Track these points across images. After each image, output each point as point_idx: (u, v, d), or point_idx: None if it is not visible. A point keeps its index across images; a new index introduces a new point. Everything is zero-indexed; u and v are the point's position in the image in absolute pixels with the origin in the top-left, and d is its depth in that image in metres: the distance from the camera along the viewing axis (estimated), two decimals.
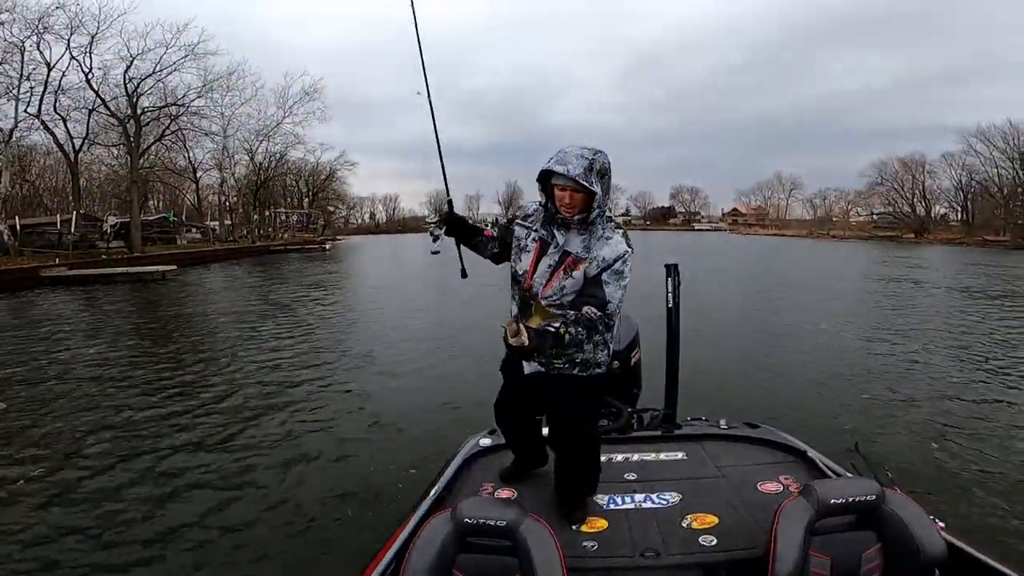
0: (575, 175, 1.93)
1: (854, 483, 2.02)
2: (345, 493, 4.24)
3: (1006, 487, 4.24)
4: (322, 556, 3.49)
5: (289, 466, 4.77)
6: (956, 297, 15.34)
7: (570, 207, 2.02)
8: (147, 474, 4.49)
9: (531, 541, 1.81)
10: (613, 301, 2.01)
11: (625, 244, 2.06)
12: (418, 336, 10.49)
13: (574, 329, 1.90)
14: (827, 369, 7.92)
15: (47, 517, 3.79)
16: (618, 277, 2.02)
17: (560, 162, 1.96)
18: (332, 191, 61.87)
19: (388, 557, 2.05)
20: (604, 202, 2.03)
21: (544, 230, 2.15)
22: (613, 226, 2.10)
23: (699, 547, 2.16)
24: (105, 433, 5.41)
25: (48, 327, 11.24)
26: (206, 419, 5.90)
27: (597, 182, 1.97)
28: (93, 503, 4.00)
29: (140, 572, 3.28)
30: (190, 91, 32.29)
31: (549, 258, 2.11)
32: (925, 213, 57.57)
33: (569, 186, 1.98)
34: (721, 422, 3.25)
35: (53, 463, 4.66)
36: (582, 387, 2.25)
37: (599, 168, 1.98)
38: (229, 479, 4.47)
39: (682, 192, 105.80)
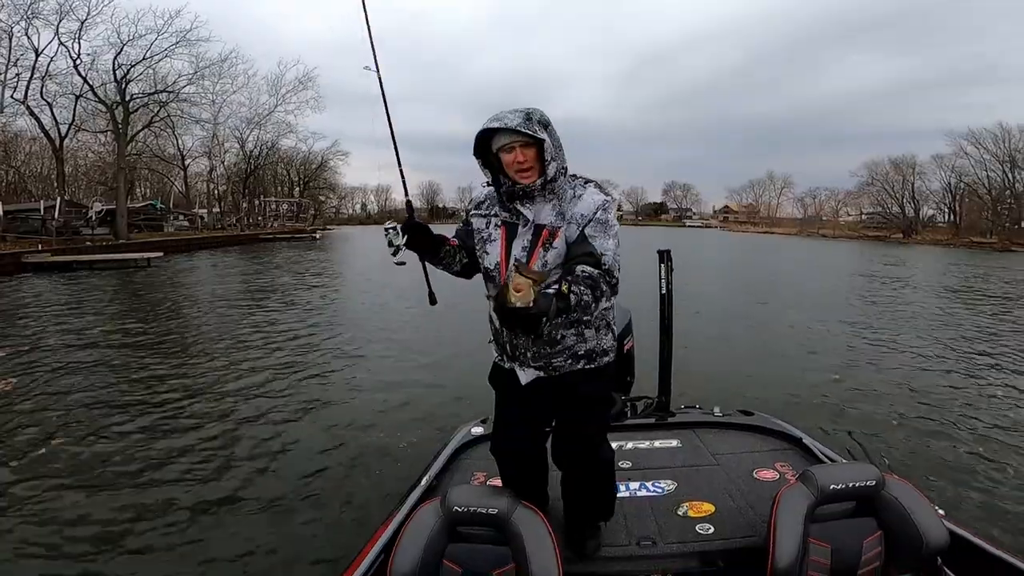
0: (515, 125, 1.70)
1: (853, 468, 1.96)
2: (335, 478, 4.20)
3: (997, 471, 4.23)
4: (313, 540, 3.42)
5: (277, 448, 4.73)
6: (947, 296, 15.43)
7: (525, 169, 1.77)
8: (135, 451, 4.47)
9: (524, 530, 1.74)
10: (608, 253, 1.76)
11: (601, 193, 1.84)
12: (405, 320, 10.51)
13: (577, 288, 1.64)
14: (820, 360, 7.90)
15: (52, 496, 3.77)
16: (604, 227, 1.78)
17: (495, 119, 1.73)
18: (323, 180, 61.59)
19: (377, 547, 1.98)
20: (559, 155, 1.80)
21: (506, 211, 1.88)
22: (583, 181, 1.87)
23: (696, 536, 2.11)
24: (93, 411, 5.42)
25: (33, 311, 11.13)
26: (191, 403, 5.77)
27: (542, 131, 1.74)
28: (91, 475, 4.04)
29: (130, 541, 3.29)
30: (180, 78, 31.86)
31: (521, 239, 1.84)
32: (914, 214, 58.19)
33: (516, 142, 1.74)
34: (715, 410, 3.21)
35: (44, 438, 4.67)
36: (592, 382, 1.95)
37: (539, 118, 1.75)
38: (212, 464, 4.40)
39: (674, 189, 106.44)
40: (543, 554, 1.70)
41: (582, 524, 2.13)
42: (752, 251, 36.79)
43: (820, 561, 1.79)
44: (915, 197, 58.54)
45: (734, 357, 8.21)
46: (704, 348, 8.32)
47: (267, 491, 4.04)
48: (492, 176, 1.88)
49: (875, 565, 1.81)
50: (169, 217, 36.81)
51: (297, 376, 7.01)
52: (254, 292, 14.74)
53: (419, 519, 1.81)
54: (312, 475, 4.26)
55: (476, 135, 1.79)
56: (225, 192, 45.62)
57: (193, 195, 44.61)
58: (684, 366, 4.13)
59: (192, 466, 4.37)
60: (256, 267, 21.23)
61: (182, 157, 41.12)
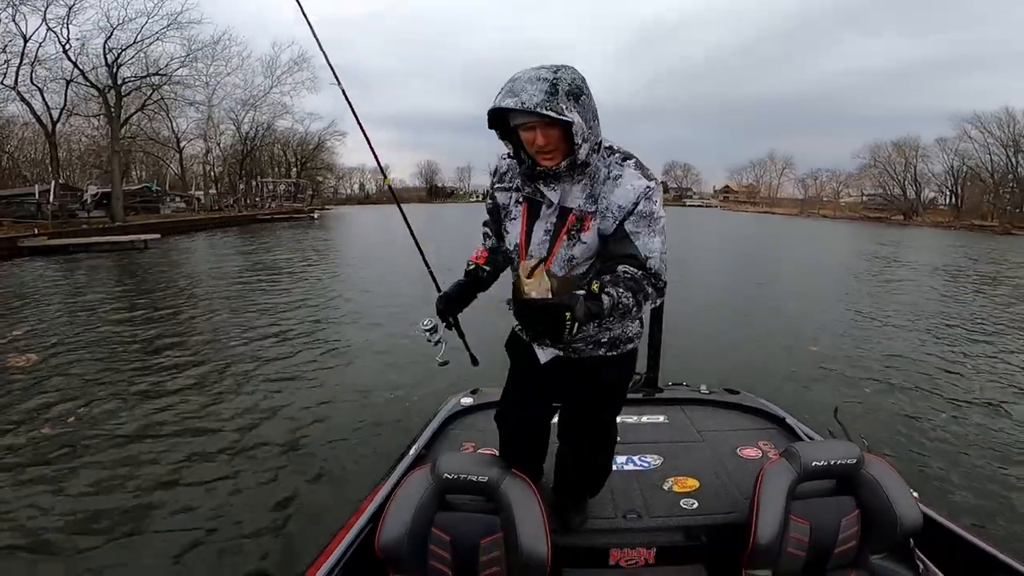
0: (534, 105, 1.36)
1: (835, 446, 1.98)
2: (328, 448, 4.31)
3: (976, 456, 4.33)
4: (299, 510, 3.48)
5: (269, 420, 4.86)
6: (943, 277, 15.43)
7: (548, 152, 1.48)
8: (144, 416, 4.75)
9: (513, 499, 1.75)
10: (654, 254, 1.49)
11: (643, 176, 1.53)
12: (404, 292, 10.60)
13: (614, 290, 1.40)
14: (807, 338, 8.01)
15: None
16: (649, 222, 1.50)
17: (511, 93, 1.40)
18: (321, 161, 61.28)
19: (366, 516, 1.98)
20: (592, 132, 1.47)
21: (528, 187, 1.62)
22: (620, 158, 1.55)
23: (681, 510, 2.15)
24: (110, 382, 5.72)
25: (38, 293, 11.17)
26: (189, 374, 5.98)
27: (572, 106, 1.39)
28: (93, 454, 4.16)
29: (133, 512, 3.43)
30: (173, 61, 31.33)
31: (544, 221, 1.60)
32: (915, 196, 57.87)
33: (535, 123, 1.43)
34: (702, 387, 3.29)
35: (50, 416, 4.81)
36: (614, 367, 1.79)
37: (568, 88, 1.40)
38: (205, 435, 4.53)
39: (675, 168, 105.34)
40: (532, 523, 1.70)
41: (571, 497, 2.10)
42: (747, 233, 36.67)
43: (799, 538, 1.83)
44: (917, 179, 58.17)
45: (721, 334, 8.29)
46: (694, 325, 8.46)
47: (261, 458, 4.17)
48: (513, 149, 1.61)
49: (851, 545, 1.85)
50: (166, 199, 36.58)
51: (304, 346, 7.25)
52: (255, 270, 14.84)
53: (408, 486, 1.81)
54: (299, 446, 4.39)
55: (488, 111, 1.47)
56: (222, 173, 45.29)
57: (189, 177, 44.29)
58: (674, 342, 4.11)
59: (182, 434, 4.50)
60: (255, 247, 21.18)
61: (177, 140, 40.72)
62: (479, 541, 1.76)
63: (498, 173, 1.76)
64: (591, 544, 2.04)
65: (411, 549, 1.73)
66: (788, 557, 1.83)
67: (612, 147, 1.57)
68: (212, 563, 3.04)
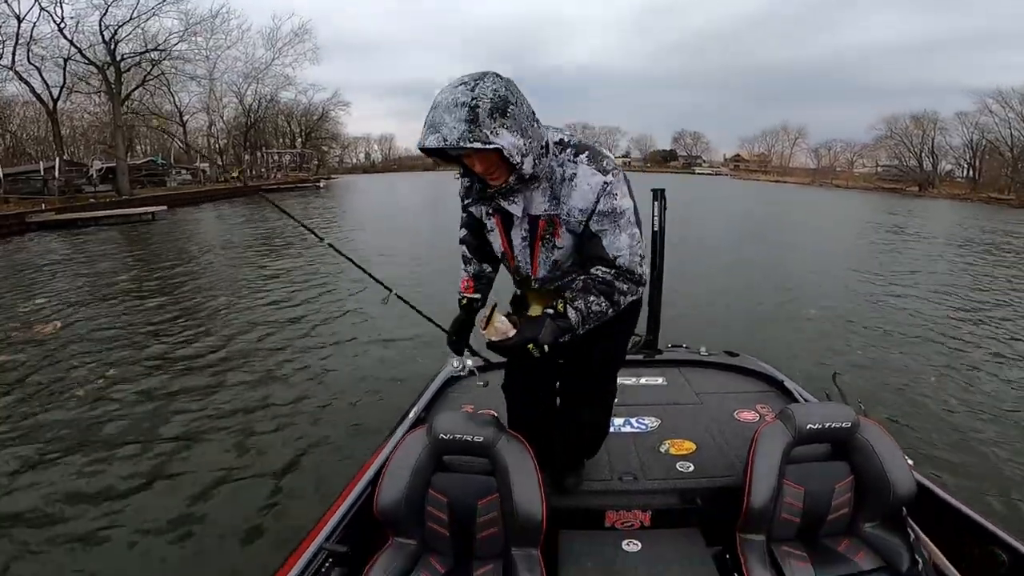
0: (456, 140, 1.27)
1: (830, 408, 1.96)
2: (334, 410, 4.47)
3: (973, 425, 4.34)
4: (303, 472, 3.62)
5: (278, 381, 5.05)
6: (963, 247, 15.15)
7: (493, 176, 1.43)
8: (156, 386, 4.89)
9: (509, 459, 1.75)
10: (622, 253, 1.47)
11: (598, 172, 1.44)
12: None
13: (583, 301, 1.47)
14: (809, 302, 8.01)
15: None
16: (613, 218, 1.45)
17: (432, 128, 1.30)
18: (325, 131, 60.80)
19: (365, 479, 2.00)
20: (530, 141, 1.37)
21: (490, 204, 1.58)
22: (572, 153, 1.47)
23: (677, 473, 2.15)
24: (132, 346, 6.04)
25: (53, 265, 11.34)
26: (202, 338, 6.22)
27: (498, 129, 1.29)
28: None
29: (156, 460, 3.73)
30: (171, 35, 30.79)
31: (518, 228, 1.57)
32: (932, 168, 56.25)
33: (467, 151, 1.36)
34: (701, 349, 3.28)
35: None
36: (617, 324, 1.73)
37: (490, 107, 1.28)
38: (219, 393, 4.76)
39: (684, 136, 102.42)
40: (527, 484, 1.71)
41: (568, 458, 2.09)
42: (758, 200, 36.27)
43: (793, 504, 1.84)
44: (934, 151, 56.38)
45: (724, 297, 8.32)
46: (696, 288, 8.54)
47: (272, 417, 4.37)
48: (464, 169, 1.55)
49: (844, 512, 1.85)
50: (171, 172, 36.38)
51: (317, 309, 7.47)
52: (263, 238, 15.02)
53: (405, 447, 1.82)
54: (301, 411, 4.47)
55: (417, 145, 1.38)
56: (226, 146, 45.02)
57: (194, 150, 44.06)
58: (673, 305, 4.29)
59: (195, 399, 4.69)
60: (262, 216, 21.13)
61: (180, 114, 40.44)
62: (476, 502, 1.77)
63: (464, 187, 1.68)
64: (587, 506, 2.04)
65: (409, 511, 1.75)
66: (781, 523, 1.84)
67: (563, 140, 1.48)
68: (225, 513, 3.21)
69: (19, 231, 16.93)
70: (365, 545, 1.79)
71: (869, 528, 1.85)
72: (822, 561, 1.77)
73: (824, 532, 1.86)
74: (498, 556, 1.77)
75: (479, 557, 1.79)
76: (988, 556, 1.72)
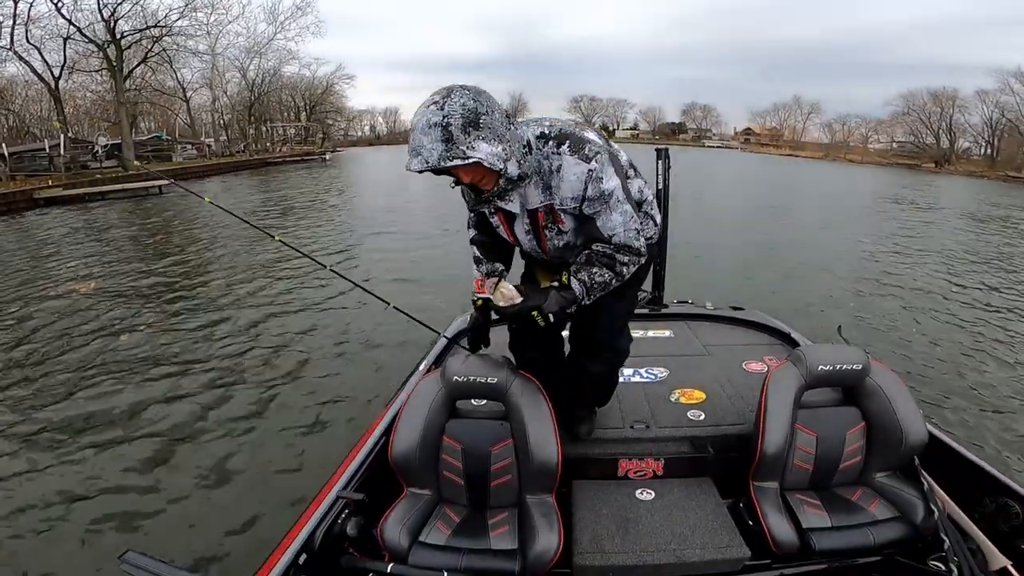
0: (436, 161, 1.35)
1: (842, 350, 1.91)
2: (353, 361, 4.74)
3: (980, 379, 4.39)
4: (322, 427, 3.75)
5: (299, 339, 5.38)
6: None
7: (482, 183, 1.50)
8: (177, 359, 5.05)
9: (523, 401, 1.74)
10: (616, 231, 1.55)
11: (580, 160, 1.48)
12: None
13: (586, 274, 1.57)
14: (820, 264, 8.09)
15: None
16: (602, 201, 1.51)
17: (413, 151, 1.37)
18: (330, 104, 60.15)
19: (380, 428, 2.01)
20: (509, 146, 1.42)
21: (489, 206, 1.64)
22: (555, 145, 1.51)
23: (688, 421, 2.15)
24: (159, 307, 6.50)
25: (64, 237, 11.63)
26: (223, 294, 6.72)
27: (473, 142, 1.35)
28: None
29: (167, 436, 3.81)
30: (172, 12, 30.23)
31: (520, 223, 1.65)
32: (949, 145, 54.82)
33: (454, 169, 1.44)
34: (707, 304, 3.30)
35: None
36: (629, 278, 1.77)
37: (462, 123, 1.34)
38: (232, 364, 4.91)
39: (694, 109, 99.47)
40: (542, 428, 1.70)
41: (580, 406, 2.08)
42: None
43: (806, 450, 1.82)
44: (952, 129, 54.83)
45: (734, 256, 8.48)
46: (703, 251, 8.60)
47: (297, 367, 4.67)
48: (455, 180, 1.57)
49: (856, 460, 1.83)
50: (177, 147, 36.13)
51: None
52: (269, 206, 15.45)
53: (419, 393, 1.82)
54: (306, 370, 4.67)
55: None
56: (231, 120, 44.63)
57: (198, 126, 43.79)
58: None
59: (243, 349, 5.13)
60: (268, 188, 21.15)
61: (183, 90, 39.98)
62: (490, 449, 1.76)
63: (466, 194, 1.71)
64: (600, 454, 2.04)
65: (423, 460, 1.75)
66: (795, 470, 1.82)
67: (543, 133, 1.52)
68: (258, 457, 3.46)
69: (27, 207, 16.82)
70: (383, 493, 1.79)
71: (882, 478, 1.83)
72: (836, 510, 1.74)
73: (837, 480, 1.84)
74: (513, 504, 1.78)
75: (493, 506, 1.79)
76: (1001, 508, 1.69)
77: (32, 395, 4.30)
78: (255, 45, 41.06)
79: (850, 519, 1.71)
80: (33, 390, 4.37)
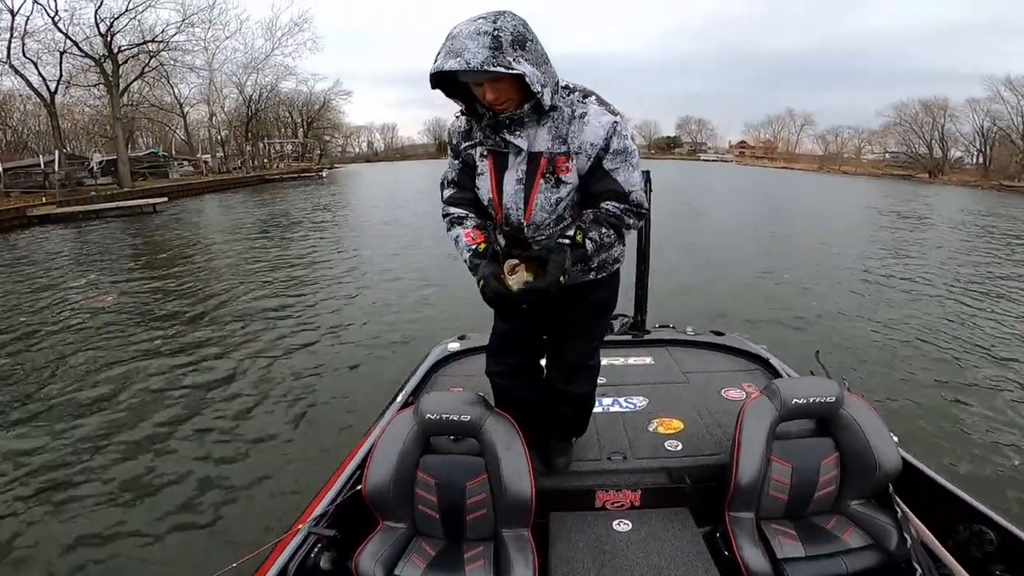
0: (480, 64, 1.30)
1: (815, 383, 1.95)
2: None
3: (957, 402, 4.39)
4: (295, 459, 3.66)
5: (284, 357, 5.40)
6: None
7: (500, 104, 1.43)
8: (163, 374, 5.13)
9: (497, 439, 1.75)
10: (635, 188, 1.53)
11: (607, 112, 1.50)
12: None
13: (596, 232, 1.51)
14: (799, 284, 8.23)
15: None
16: (625, 156, 1.50)
17: (452, 53, 1.31)
18: (327, 120, 60.50)
19: (354, 462, 2.00)
20: (547, 75, 1.42)
21: (492, 138, 1.55)
22: (580, 95, 1.51)
23: (665, 452, 2.15)
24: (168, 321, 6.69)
25: (42, 262, 11.23)
26: (209, 330, 6.47)
27: (519, 58, 1.34)
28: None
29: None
30: (169, 26, 30.20)
31: (514, 170, 1.56)
32: (942, 155, 55.43)
33: (482, 79, 1.37)
34: (688, 329, 3.29)
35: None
36: (603, 290, 1.79)
37: (511, 38, 1.33)
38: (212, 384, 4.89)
39: (689, 123, 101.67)
40: (516, 464, 1.71)
41: (557, 437, 2.06)
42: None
43: (780, 480, 1.83)
44: (944, 138, 55.50)
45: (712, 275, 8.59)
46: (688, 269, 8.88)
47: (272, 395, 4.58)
48: (466, 104, 1.53)
49: (831, 489, 1.85)
50: (173, 163, 36.13)
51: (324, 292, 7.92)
52: (264, 226, 15.12)
53: (393, 429, 1.81)
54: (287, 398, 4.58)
55: (431, 73, 1.39)
56: (227, 137, 44.76)
57: (195, 141, 43.87)
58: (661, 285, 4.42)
59: (196, 386, 4.88)
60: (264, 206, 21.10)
61: (180, 105, 40.09)
62: (464, 484, 1.76)
63: (457, 132, 1.66)
64: (577, 486, 2.03)
65: (397, 494, 1.74)
66: (769, 500, 1.83)
67: (568, 85, 1.53)
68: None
69: (20, 225, 16.74)
70: (355, 529, 1.77)
71: (856, 506, 1.84)
72: (810, 539, 1.76)
73: (811, 510, 1.86)
74: (489, 538, 1.77)
75: (470, 539, 1.78)
76: (976, 535, 1.70)
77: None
78: (252, 61, 41.26)
79: (824, 548, 1.73)
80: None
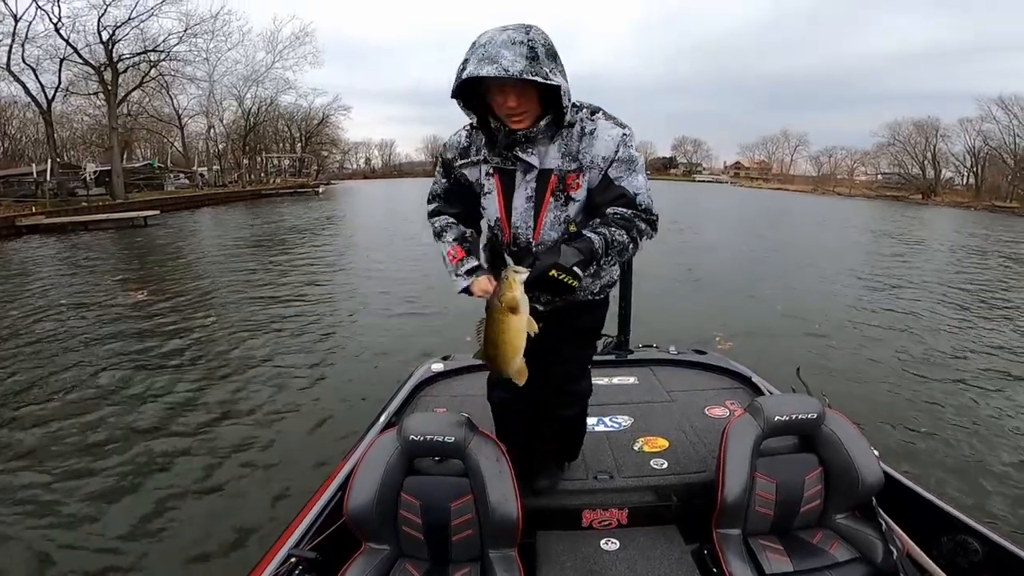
0: (519, 72, 1.31)
1: (797, 400, 2.01)
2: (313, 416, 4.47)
3: (938, 416, 4.47)
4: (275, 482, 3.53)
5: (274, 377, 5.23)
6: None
7: (518, 115, 1.44)
8: (144, 393, 4.94)
9: (482, 459, 1.72)
10: (641, 191, 1.53)
11: (616, 125, 1.53)
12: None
13: (605, 229, 1.47)
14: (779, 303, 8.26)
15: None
16: (629, 164, 1.52)
17: (488, 59, 1.32)
18: (326, 136, 60.61)
19: (335, 484, 1.97)
20: (569, 94, 1.45)
21: (497, 156, 1.56)
22: (588, 112, 1.54)
23: (651, 470, 2.16)
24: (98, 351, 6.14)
25: (31, 273, 11.11)
26: (194, 347, 6.29)
27: (555, 70, 1.37)
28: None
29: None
30: (171, 36, 30.23)
31: (523, 188, 1.56)
32: (934, 176, 56.40)
33: (510, 87, 1.39)
34: (671, 348, 3.34)
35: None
36: (595, 311, 1.82)
37: (544, 50, 1.36)
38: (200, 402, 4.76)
39: (684, 143, 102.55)
40: (501, 484, 1.68)
41: (548, 462, 2.07)
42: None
43: (766, 496, 1.85)
44: (936, 159, 56.42)
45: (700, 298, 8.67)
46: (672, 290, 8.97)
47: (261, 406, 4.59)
48: (479, 118, 1.54)
49: (816, 503, 1.87)
50: (169, 176, 36.09)
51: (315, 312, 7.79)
52: (258, 243, 15.05)
53: (375, 450, 1.78)
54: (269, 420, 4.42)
55: (459, 75, 1.38)
56: (225, 150, 44.78)
57: (192, 154, 43.88)
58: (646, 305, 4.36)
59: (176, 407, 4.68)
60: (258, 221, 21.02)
61: (178, 116, 40.12)
62: (449, 504, 1.73)
63: (456, 148, 1.65)
64: (564, 505, 2.03)
65: (381, 515, 1.70)
66: (756, 516, 1.84)
67: (576, 103, 1.54)
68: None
69: (8, 235, 16.60)
70: (338, 551, 1.74)
71: (841, 519, 1.87)
72: (797, 554, 1.78)
73: (798, 524, 1.88)
74: (475, 559, 1.74)
75: (455, 560, 1.75)
76: (961, 545, 1.72)
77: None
78: (253, 73, 41.41)
79: (811, 563, 1.74)
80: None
